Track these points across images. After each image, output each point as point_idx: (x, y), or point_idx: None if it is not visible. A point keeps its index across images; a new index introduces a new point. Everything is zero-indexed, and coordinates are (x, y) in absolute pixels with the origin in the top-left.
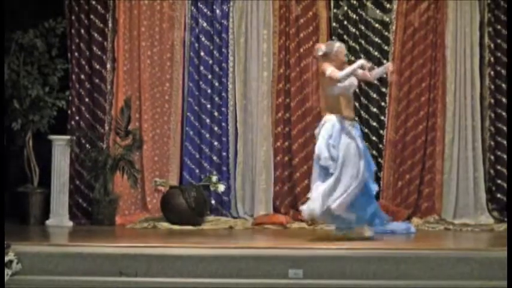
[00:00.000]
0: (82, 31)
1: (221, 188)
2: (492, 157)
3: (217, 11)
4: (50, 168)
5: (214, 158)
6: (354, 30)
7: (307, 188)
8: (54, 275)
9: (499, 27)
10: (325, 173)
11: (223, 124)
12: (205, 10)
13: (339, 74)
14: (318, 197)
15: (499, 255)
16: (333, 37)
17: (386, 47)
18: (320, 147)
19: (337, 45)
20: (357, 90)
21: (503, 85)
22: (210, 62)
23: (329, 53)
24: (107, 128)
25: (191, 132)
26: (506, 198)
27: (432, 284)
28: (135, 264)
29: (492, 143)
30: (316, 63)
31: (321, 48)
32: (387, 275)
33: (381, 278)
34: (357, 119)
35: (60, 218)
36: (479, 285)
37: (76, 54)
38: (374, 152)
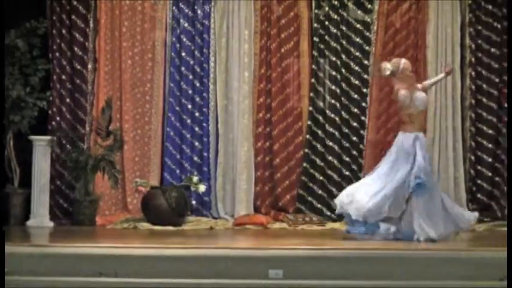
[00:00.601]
0: (63, 31)
1: (202, 188)
2: (473, 157)
3: (199, 12)
4: (30, 169)
5: (195, 158)
6: (335, 30)
7: (288, 188)
8: (35, 275)
9: (479, 27)
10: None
11: (204, 124)
12: (186, 10)
13: (427, 84)
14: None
15: (481, 256)
16: (314, 38)
17: (367, 48)
18: (421, 165)
19: (403, 62)
20: (338, 91)
21: (484, 85)
22: (191, 62)
23: (395, 71)
24: (87, 128)
25: (172, 133)
26: (507, 198)
27: (413, 284)
28: (115, 265)
29: (473, 143)
30: (297, 64)
31: (387, 67)
32: (367, 275)
33: (360, 279)
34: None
35: (40, 218)
36: (461, 286)
37: (57, 54)
38: (354, 152)
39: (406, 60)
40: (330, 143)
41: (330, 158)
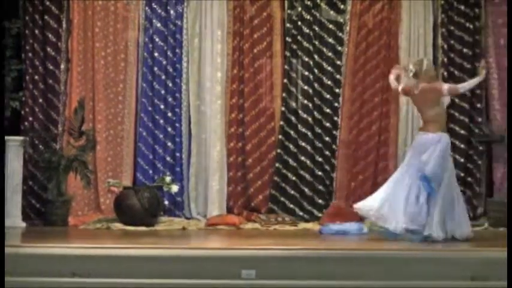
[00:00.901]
0: (36, 32)
1: (174, 188)
2: None
3: (172, 12)
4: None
5: (168, 158)
6: (308, 30)
7: (261, 189)
8: (7, 276)
9: (452, 28)
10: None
11: (177, 125)
12: (159, 11)
13: (460, 87)
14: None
15: (453, 256)
16: (287, 38)
17: (340, 48)
18: (435, 169)
19: (426, 63)
20: (310, 91)
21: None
22: (164, 62)
23: (419, 71)
24: (60, 128)
25: (145, 133)
26: (507, 198)
27: (385, 284)
28: (88, 265)
29: None
30: (270, 64)
31: (410, 68)
32: (340, 276)
33: (332, 279)
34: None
35: (13, 218)
36: (433, 285)
37: (30, 54)
38: (327, 152)
39: (428, 61)
40: (303, 143)
41: (303, 158)
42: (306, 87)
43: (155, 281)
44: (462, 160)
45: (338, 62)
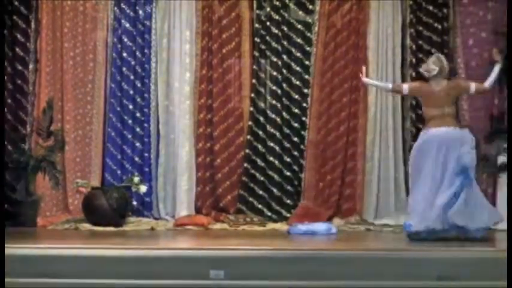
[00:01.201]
0: (5, 32)
1: (143, 189)
2: None
3: (140, 12)
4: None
5: (136, 159)
6: (276, 31)
7: (229, 189)
8: None
9: (420, 28)
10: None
11: (146, 125)
12: (128, 11)
13: (487, 84)
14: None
15: (419, 255)
16: (256, 38)
17: (308, 48)
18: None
19: (444, 59)
20: (279, 91)
21: None
22: (133, 62)
23: (442, 68)
24: (29, 129)
25: (113, 133)
26: (507, 199)
27: (353, 284)
28: (56, 266)
29: (413, 143)
30: (238, 64)
31: (432, 67)
32: (308, 276)
33: (302, 279)
34: None
35: None
36: (400, 286)
37: None
38: (296, 152)
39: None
40: (271, 144)
41: (271, 158)
42: (274, 88)
43: (124, 282)
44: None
45: (306, 62)
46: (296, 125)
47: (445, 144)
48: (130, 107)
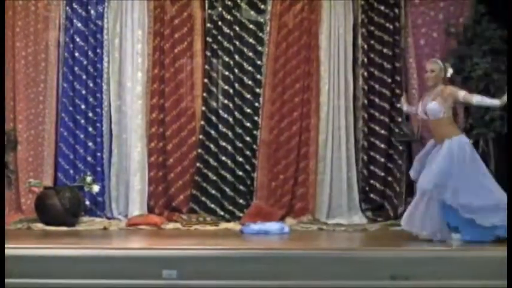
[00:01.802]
0: None
1: (95, 188)
2: (365, 157)
3: (92, 12)
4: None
5: (89, 158)
6: (228, 31)
7: (182, 189)
8: None
9: (372, 28)
10: None
11: (98, 125)
12: (80, 11)
13: (475, 100)
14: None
15: (372, 255)
16: (208, 38)
17: (260, 48)
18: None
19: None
20: (231, 91)
21: (376, 86)
22: (85, 62)
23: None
24: None
25: (66, 133)
26: (507, 199)
27: (306, 284)
28: (9, 266)
29: (365, 143)
30: (191, 64)
31: (450, 71)
32: (262, 275)
33: (255, 279)
34: None
35: None
36: (353, 285)
37: None
38: (248, 152)
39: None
40: (223, 143)
41: (224, 158)
42: (226, 87)
43: (76, 282)
44: (383, 160)
45: (258, 62)
46: (248, 124)
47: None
48: (83, 106)
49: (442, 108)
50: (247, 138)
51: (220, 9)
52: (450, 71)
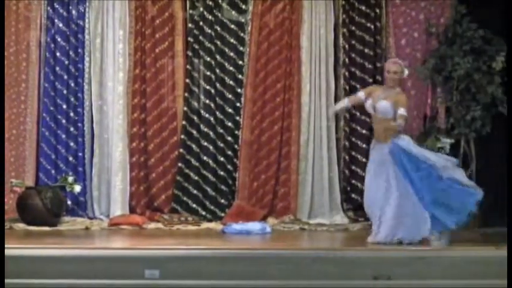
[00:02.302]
0: None
1: (77, 188)
2: (347, 157)
3: (74, 12)
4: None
5: (70, 158)
6: (209, 31)
7: (163, 188)
8: None
9: (353, 28)
10: None
11: (79, 125)
12: (61, 10)
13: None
14: None
15: (355, 255)
16: (189, 38)
17: (241, 48)
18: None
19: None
20: (212, 91)
21: (358, 85)
22: (66, 62)
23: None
24: None
25: (47, 133)
26: (507, 199)
27: (288, 284)
28: None
29: (347, 143)
30: (172, 64)
31: (406, 70)
32: (243, 275)
33: (237, 278)
34: None
35: None
36: (336, 285)
37: None
38: (229, 152)
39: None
40: (205, 143)
41: (205, 158)
42: (208, 87)
43: (58, 281)
44: (364, 160)
45: (240, 62)
46: (230, 124)
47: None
48: (64, 106)
49: (393, 109)
50: (229, 138)
51: (201, 9)
52: (406, 72)
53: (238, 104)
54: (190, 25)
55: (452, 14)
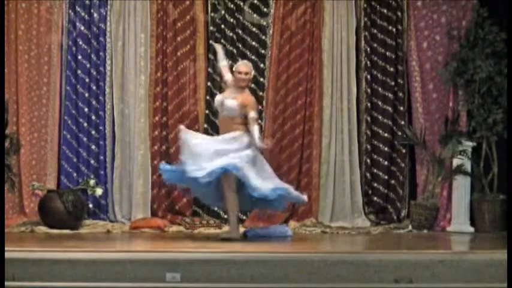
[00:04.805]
0: None
1: (99, 191)
2: (368, 160)
3: (95, 15)
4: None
5: (92, 161)
6: (231, 34)
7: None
8: None
9: (374, 31)
10: None
11: (101, 128)
12: (82, 14)
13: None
14: None
15: (376, 258)
16: (210, 41)
17: (263, 51)
18: None
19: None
20: None
21: (380, 89)
22: (88, 65)
23: None
24: None
25: (68, 136)
26: (507, 198)
27: (309, 287)
28: (12, 269)
29: (368, 146)
30: (193, 67)
31: (252, 71)
32: (265, 279)
33: (258, 282)
34: None
35: None
36: None
37: None
38: None
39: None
40: None
41: None
42: None
43: (79, 285)
44: (386, 163)
45: (261, 65)
46: None
47: None
48: (86, 109)
49: (239, 110)
50: None
51: (223, 12)
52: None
53: (260, 107)
54: (211, 28)
55: (473, 17)
